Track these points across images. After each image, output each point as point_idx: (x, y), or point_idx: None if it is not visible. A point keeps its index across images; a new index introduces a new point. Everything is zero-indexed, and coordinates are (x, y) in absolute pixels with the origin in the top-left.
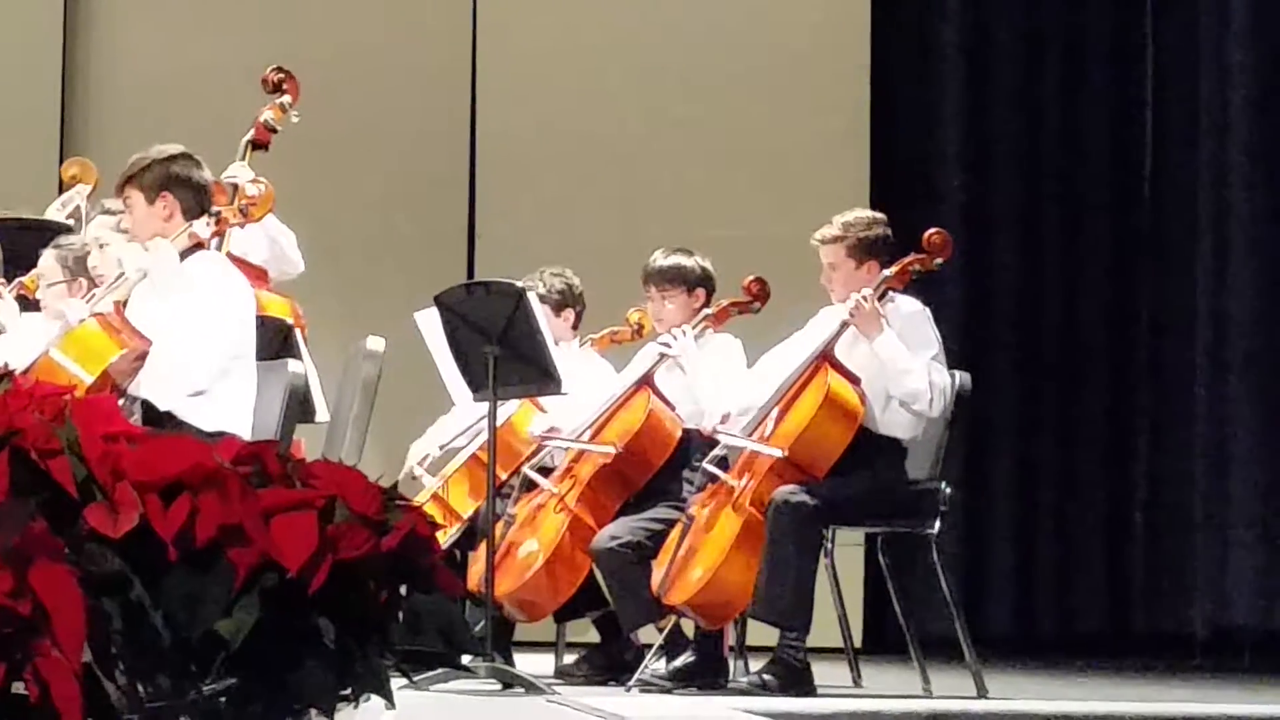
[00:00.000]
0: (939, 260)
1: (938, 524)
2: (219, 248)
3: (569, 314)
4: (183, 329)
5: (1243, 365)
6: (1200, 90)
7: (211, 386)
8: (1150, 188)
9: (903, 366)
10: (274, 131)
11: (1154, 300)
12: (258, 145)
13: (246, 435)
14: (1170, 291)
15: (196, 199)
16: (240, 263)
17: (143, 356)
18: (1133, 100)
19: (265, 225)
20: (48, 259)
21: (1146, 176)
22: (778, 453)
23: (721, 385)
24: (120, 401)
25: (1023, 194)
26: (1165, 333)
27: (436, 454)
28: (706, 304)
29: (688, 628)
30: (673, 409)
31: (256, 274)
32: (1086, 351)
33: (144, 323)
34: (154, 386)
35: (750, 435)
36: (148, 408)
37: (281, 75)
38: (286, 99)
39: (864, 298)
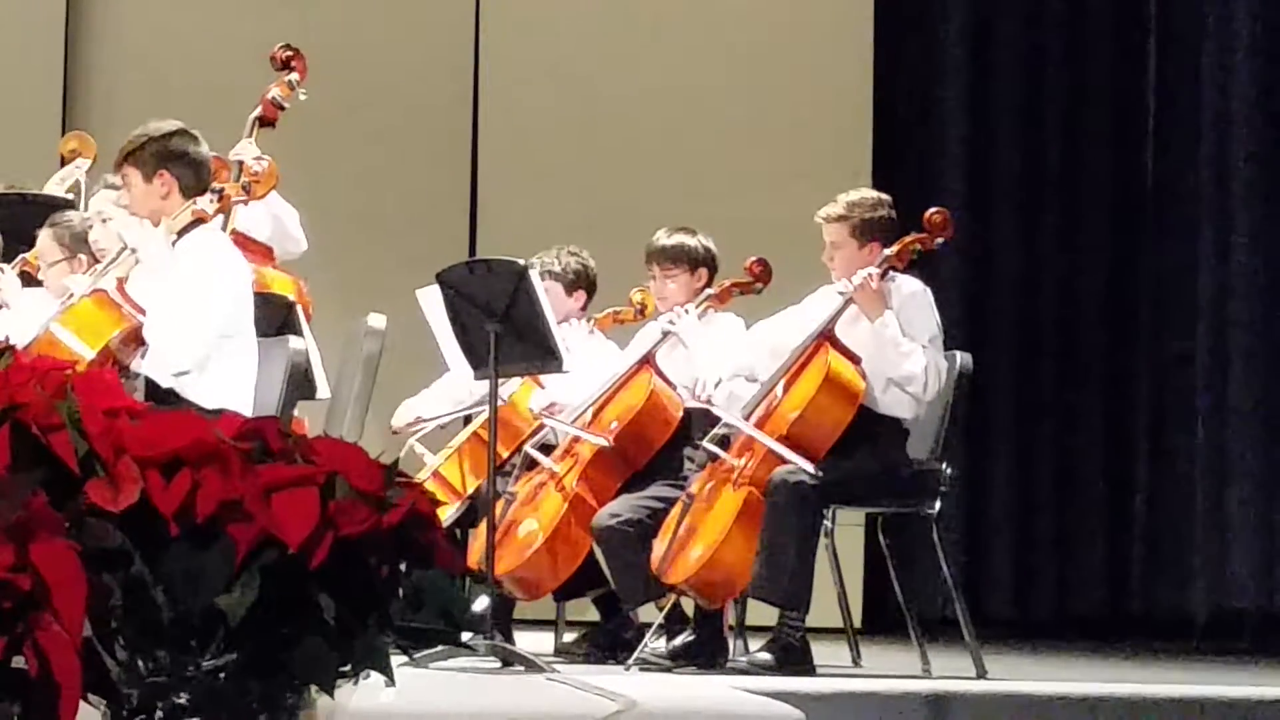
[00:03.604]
0: (940, 239)
1: (938, 504)
2: (224, 225)
3: (580, 295)
4: (169, 308)
5: (1244, 347)
6: (1203, 69)
7: (197, 367)
8: (1151, 167)
9: (904, 349)
10: (281, 109)
11: (1154, 281)
12: (265, 123)
13: (248, 412)
14: (1171, 272)
15: (195, 175)
16: (244, 241)
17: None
18: (1136, 81)
19: (269, 203)
20: (45, 238)
21: (1148, 156)
22: (774, 444)
23: (723, 364)
24: (122, 379)
25: (1024, 173)
26: (1166, 314)
27: (434, 428)
28: (709, 284)
29: (688, 606)
30: (674, 388)
31: (261, 252)
32: (1087, 333)
33: (145, 300)
34: (149, 363)
35: (750, 415)
36: (150, 384)
37: (290, 53)
38: (294, 76)
39: (869, 277)
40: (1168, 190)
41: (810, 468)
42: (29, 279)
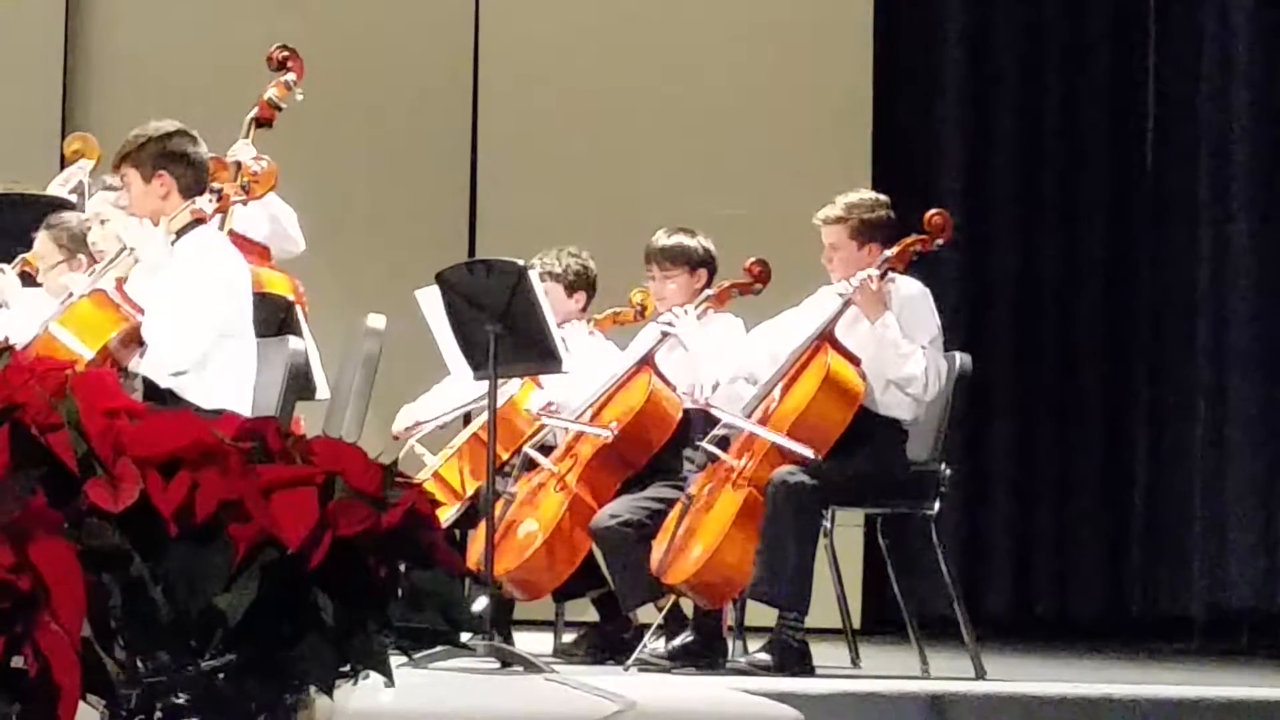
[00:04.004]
0: (940, 241)
1: (937, 505)
2: (221, 225)
3: (580, 296)
4: (168, 308)
5: (1242, 346)
6: (1203, 67)
7: (195, 367)
8: (1151, 169)
9: (904, 350)
10: (278, 110)
11: (1153, 281)
12: (262, 123)
13: (247, 412)
14: (1170, 271)
15: (194, 176)
16: (241, 240)
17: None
18: (1134, 75)
19: (267, 203)
20: (43, 240)
21: (1148, 155)
22: (774, 436)
23: (726, 357)
24: (121, 379)
25: (1023, 175)
26: (1165, 314)
27: (436, 429)
28: (708, 284)
29: (687, 607)
30: (673, 389)
31: (258, 252)
32: (1085, 333)
33: (142, 299)
34: (148, 363)
35: (750, 415)
36: (149, 385)
37: (286, 54)
38: (291, 77)
39: (869, 278)
40: (1168, 190)
41: (810, 453)
42: (28, 280)
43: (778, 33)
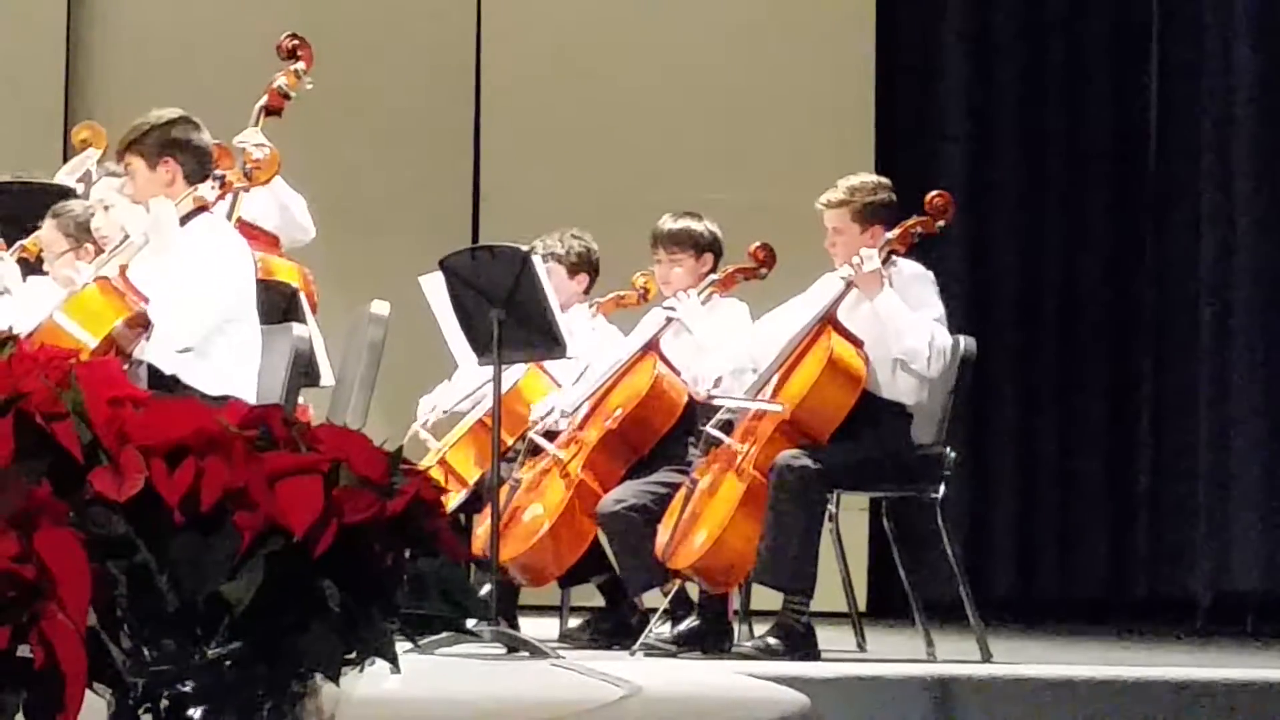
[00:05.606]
0: (941, 223)
1: (942, 489)
2: (229, 213)
3: (583, 278)
4: (174, 286)
5: (1247, 329)
6: (1204, 63)
7: (201, 346)
8: (1154, 150)
9: (903, 325)
10: (288, 98)
11: (1157, 264)
12: (271, 111)
13: (251, 399)
14: (1173, 254)
15: (198, 163)
16: (251, 229)
17: (148, 320)
18: (1136, 70)
19: (275, 191)
20: (49, 228)
21: (1151, 140)
22: (778, 408)
23: (727, 348)
24: (125, 366)
25: (1026, 156)
26: (1168, 296)
27: (441, 416)
28: (714, 269)
29: (692, 592)
30: (678, 374)
31: (268, 240)
32: (1090, 316)
33: (146, 284)
34: (153, 347)
35: (752, 399)
36: (153, 372)
37: (296, 42)
38: (301, 66)
39: (866, 257)
40: (1170, 167)
41: (779, 408)
42: (28, 266)
43: (782, 17)
